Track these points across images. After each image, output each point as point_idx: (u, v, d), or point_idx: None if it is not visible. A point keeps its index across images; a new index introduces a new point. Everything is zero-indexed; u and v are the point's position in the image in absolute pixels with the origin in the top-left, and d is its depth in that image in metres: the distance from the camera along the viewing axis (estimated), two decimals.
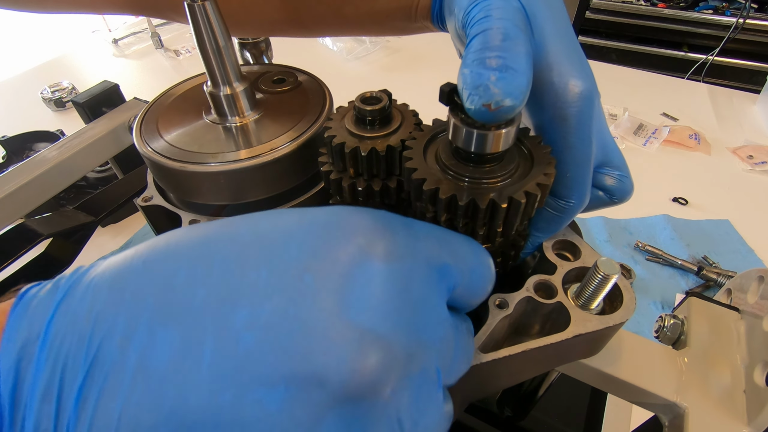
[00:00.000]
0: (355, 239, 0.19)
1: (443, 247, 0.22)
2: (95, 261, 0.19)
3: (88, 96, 0.70)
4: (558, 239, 0.32)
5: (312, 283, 0.17)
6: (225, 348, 0.16)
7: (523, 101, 0.21)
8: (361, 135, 0.29)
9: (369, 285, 0.18)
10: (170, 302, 0.17)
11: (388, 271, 0.18)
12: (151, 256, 0.18)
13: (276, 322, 0.17)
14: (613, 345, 0.34)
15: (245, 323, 0.16)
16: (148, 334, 0.17)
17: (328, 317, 0.17)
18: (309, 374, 0.16)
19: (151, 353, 0.16)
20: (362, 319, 0.17)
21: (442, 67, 1.39)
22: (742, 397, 0.32)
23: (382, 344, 0.17)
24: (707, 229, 0.90)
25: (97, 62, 1.60)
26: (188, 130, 0.38)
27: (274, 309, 0.17)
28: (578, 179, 0.27)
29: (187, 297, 0.17)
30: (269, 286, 0.17)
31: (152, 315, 0.17)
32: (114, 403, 0.16)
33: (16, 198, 0.54)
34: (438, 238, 0.22)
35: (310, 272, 0.17)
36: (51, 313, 0.17)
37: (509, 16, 0.24)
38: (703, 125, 1.16)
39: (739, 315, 0.37)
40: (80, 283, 0.18)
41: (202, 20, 0.33)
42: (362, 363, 0.17)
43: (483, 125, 0.23)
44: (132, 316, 0.17)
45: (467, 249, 0.23)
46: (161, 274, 0.18)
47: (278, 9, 0.45)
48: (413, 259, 0.20)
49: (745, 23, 1.95)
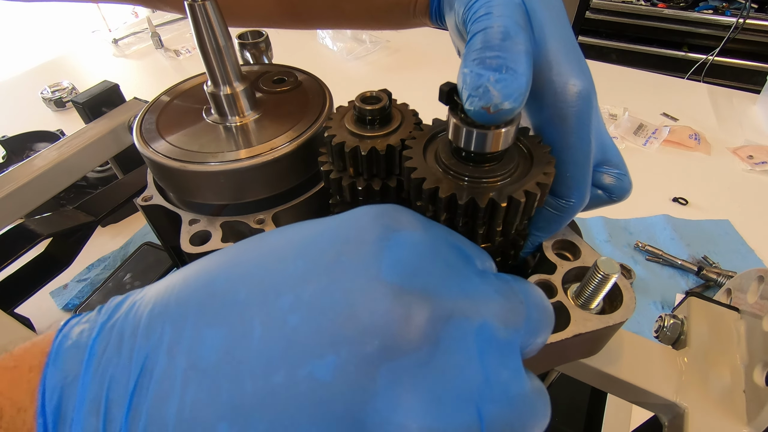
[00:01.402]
0: (380, 220, 0.20)
1: (451, 233, 0.23)
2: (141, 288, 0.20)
3: (88, 96, 0.70)
4: (558, 239, 0.32)
5: (348, 262, 0.18)
6: (272, 331, 0.17)
7: (522, 103, 0.21)
8: (361, 134, 0.29)
9: (400, 250, 0.19)
10: (213, 305, 0.17)
11: (414, 236, 0.19)
12: (189, 275, 0.19)
13: (319, 300, 0.17)
14: (613, 345, 0.34)
15: (290, 307, 0.17)
16: (195, 336, 0.17)
17: (367, 282, 0.17)
18: (356, 335, 0.16)
19: (201, 352, 0.17)
20: (399, 278, 0.18)
21: (442, 67, 1.39)
22: (741, 397, 0.32)
23: (421, 296, 0.18)
24: (707, 229, 0.90)
25: (97, 62, 1.60)
26: (188, 130, 0.38)
27: (316, 289, 0.17)
28: (578, 178, 0.27)
29: (229, 297, 0.18)
30: (308, 272, 0.18)
31: (197, 319, 0.17)
32: (167, 406, 0.16)
33: (16, 198, 0.54)
34: (447, 228, 0.23)
35: (345, 255, 0.18)
36: (96, 333, 0.18)
37: (510, 13, 0.24)
38: (703, 125, 1.16)
39: (738, 315, 0.37)
40: (123, 305, 0.19)
41: (202, 20, 0.33)
42: (405, 314, 0.17)
43: (483, 125, 0.23)
44: (176, 325, 0.17)
45: (470, 242, 0.24)
46: (201, 284, 0.18)
47: (275, 2, 0.45)
48: (434, 233, 0.21)
49: (745, 23, 1.95)
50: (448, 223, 0.26)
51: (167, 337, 0.17)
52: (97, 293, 0.81)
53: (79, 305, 0.79)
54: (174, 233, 0.36)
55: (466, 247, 0.23)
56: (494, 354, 0.19)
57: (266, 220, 0.36)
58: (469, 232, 0.26)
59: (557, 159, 0.26)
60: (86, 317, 0.19)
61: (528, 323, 0.21)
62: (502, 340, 0.19)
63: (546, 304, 0.23)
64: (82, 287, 0.84)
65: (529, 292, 0.22)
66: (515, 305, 0.21)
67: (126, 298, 0.19)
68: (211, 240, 0.35)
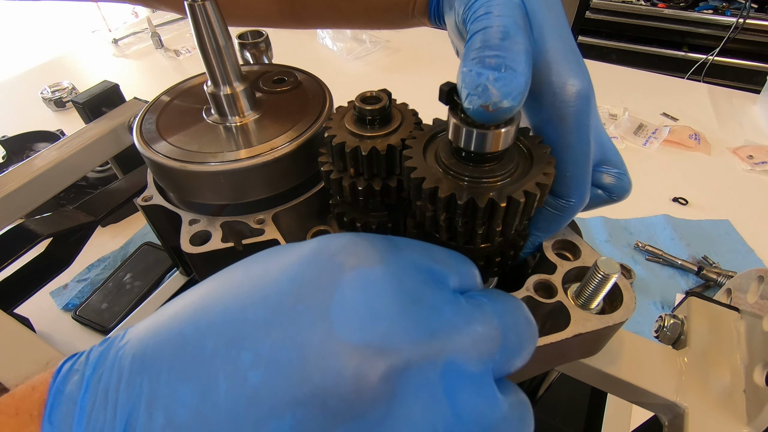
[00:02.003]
0: (336, 258, 0.19)
1: (424, 253, 0.22)
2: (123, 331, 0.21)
3: (88, 96, 0.70)
4: (558, 239, 0.32)
5: (304, 310, 0.18)
6: (235, 389, 0.17)
7: (521, 102, 0.21)
8: (361, 134, 0.29)
9: (354, 295, 0.18)
10: (184, 358, 0.18)
11: (371, 275, 0.19)
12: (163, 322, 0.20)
13: (276, 356, 0.17)
14: (613, 345, 0.34)
15: (251, 362, 0.17)
16: (170, 392, 0.17)
17: (321, 339, 0.17)
18: (310, 397, 0.17)
19: (175, 409, 0.17)
20: (350, 332, 0.17)
21: (442, 67, 1.39)
22: (741, 397, 0.32)
23: (374, 351, 0.17)
24: (707, 229, 0.90)
25: (97, 62, 1.60)
26: (188, 130, 0.38)
27: (274, 343, 0.17)
28: (578, 178, 0.27)
29: (197, 350, 0.18)
30: (268, 323, 0.18)
31: (170, 374, 0.18)
32: None
33: (16, 198, 0.54)
34: (419, 247, 0.23)
35: (302, 301, 0.18)
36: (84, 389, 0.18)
37: (510, 13, 0.24)
38: (703, 125, 1.16)
39: (739, 315, 0.37)
40: (108, 355, 0.19)
41: (202, 20, 0.33)
42: (357, 374, 0.17)
43: (482, 125, 0.23)
44: (153, 379, 0.18)
45: (447, 254, 0.23)
46: (173, 334, 0.19)
47: (273, 1, 0.45)
48: (397, 263, 0.20)
49: (745, 23, 1.95)
50: (447, 222, 0.26)
51: (145, 391, 0.17)
52: (97, 293, 0.81)
53: (79, 305, 0.79)
54: (174, 233, 0.36)
55: (439, 264, 0.22)
56: (465, 388, 0.18)
57: (266, 220, 0.36)
58: (469, 232, 0.26)
59: (557, 159, 0.26)
60: (78, 362, 0.19)
61: (504, 349, 0.20)
62: (473, 372, 0.19)
63: (525, 320, 0.22)
64: (82, 287, 0.84)
65: (505, 314, 0.21)
66: (488, 332, 0.20)
67: (109, 347, 0.20)
68: (211, 240, 0.35)
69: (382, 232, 0.34)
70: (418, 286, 0.20)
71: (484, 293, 0.22)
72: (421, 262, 0.21)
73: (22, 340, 0.41)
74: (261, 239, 0.35)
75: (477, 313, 0.20)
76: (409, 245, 0.22)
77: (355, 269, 0.19)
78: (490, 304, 0.21)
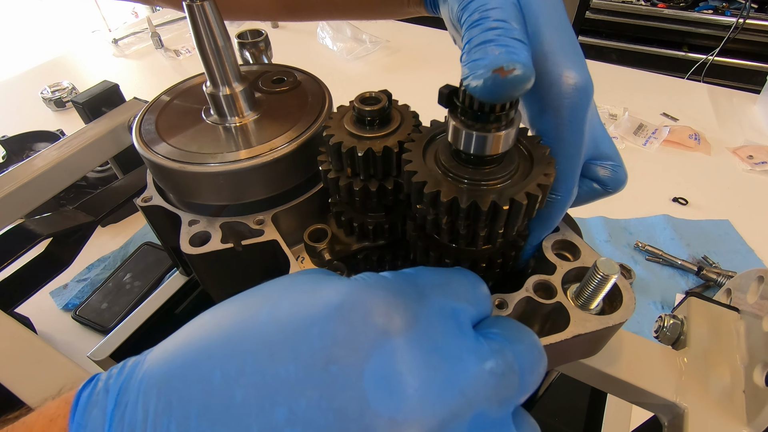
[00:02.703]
0: (369, 320, 0.19)
1: (447, 290, 0.22)
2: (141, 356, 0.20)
3: (88, 96, 0.70)
4: (558, 239, 0.32)
5: (338, 373, 0.18)
6: None
7: (531, 74, 0.21)
8: (360, 135, 0.29)
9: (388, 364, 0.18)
10: (213, 406, 0.18)
11: (400, 342, 0.19)
12: (188, 356, 0.19)
13: (313, 417, 0.17)
14: (613, 345, 0.34)
15: (286, 419, 0.17)
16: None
17: (357, 407, 0.18)
18: None
19: None
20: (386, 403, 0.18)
21: (442, 67, 1.39)
22: (741, 397, 0.32)
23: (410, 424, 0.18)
24: (707, 229, 0.90)
25: (97, 62, 1.60)
26: (187, 131, 0.38)
27: (309, 404, 0.18)
28: (566, 172, 0.27)
29: (226, 398, 0.18)
30: (300, 381, 0.18)
31: (200, 420, 0.18)
32: None
33: (16, 198, 0.54)
34: (440, 284, 0.23)
35: (335, 363, 0.18)
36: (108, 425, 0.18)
37: (502, 4, 0.24)
38: (703, 125, 1.16)
39: (738, 315, 0.37)
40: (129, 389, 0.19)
41: (201, 20, 0.33)
42: None
43: (483, 127, 0.22)
44: (182, 424, 0.18)
45: (465, 282, 0.24)
46: (199, 377, 0.19)
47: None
48: (426, 318, 0.20)
49: (745, 23, 1.95)
50: (449, 226, 0.26)
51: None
52: (97, 293, 0.81)
53: (79, 305, 0.79)
54: (174, 234, 0.36)
55: (460, 300, 0.22)
56: None
57: (266, 220, 0.36)
58: (471, 234, 0.26)
59: None
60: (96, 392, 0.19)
61: (521, 389, 0.21)
62: (495, 418, 0.20)
63: (539, 357, 0.22)
64: (82, 287, 0.84)
65: (522, 354, 0.21)
66: (509, 378, 0.20)
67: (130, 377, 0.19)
68: (210, 241, 0.35)
69: (379, 232, 0.34)
70: (446, 339, 0.20)
71: (500, 328, 0.23)
72: (445, 306, 0.22)
73: (23, 341, 0.41)
74: (260, 240, 0.35)
75: (499, 360, 0.21)
76: (433, 287, 0.22)
77: (387, 333, 0.19)
78: (509, 346, 0.21)
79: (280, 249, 0.34)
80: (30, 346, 0.41)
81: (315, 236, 0.35)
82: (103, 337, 0.74)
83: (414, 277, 0.23)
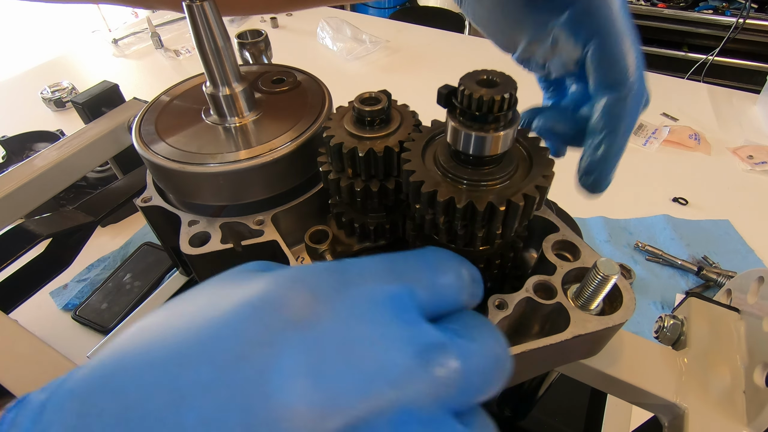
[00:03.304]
0: (281, 313, 0.19)
1: (386, 276, 0.21)
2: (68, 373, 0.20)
3: (87, 96, 0.70)
4: (558, 239, 0.32)
5: (248, 370, 0.18)
6: None
7: None
8: (360, 135, 0.29)
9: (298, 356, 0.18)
10: (130, 418, 0.18)
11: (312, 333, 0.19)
12: (107, 369, 0.19)
13: (220, 417, 0.17)
14: (613, 345, 0.34)
15: (194, 423, 0.17)
16: None
17: (262, 403, 0.17)
18: None
19: None
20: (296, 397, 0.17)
21: (442, 67, 1.39)
22: (741, 397, 0.32)
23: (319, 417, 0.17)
24: (707, 229, 0.90)
25: (97, 62, 1.60)
26: (187, 131, 0.38)
27: (217, 405, 0.17)
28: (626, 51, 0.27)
29: (141, 409, 0.18)
30: (210, 382, 0.18)
31: None
32: None
33: (16, 198, 0.54)
34: (378, 270, 0.22)
35: (245, 360, 0.18)
36: None
37: None
38: (703, 125, 1.15)
39: (739, 315, 0.36)
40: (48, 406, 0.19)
41: (200, 21, 0.33)
42: None
43: (481, 127, 0.22)
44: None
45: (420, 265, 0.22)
46: (116, 389, 0.18)
47: None
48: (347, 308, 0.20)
49: (745, 23, 1.95)
50: (447, 226, 0.26)
51: None
52: (97, 293, 0.81)
53: (79, 305, 0.79)
54: (174, 234, 0.36)
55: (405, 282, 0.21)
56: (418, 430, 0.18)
57: (266, 220, 0.36)
58: (468, 235, 0.26)
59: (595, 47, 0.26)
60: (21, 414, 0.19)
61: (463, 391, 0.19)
62: (426, 417, 0.19)
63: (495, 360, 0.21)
64: (82, 287, 0.84)
65: (472, 353, 0.20)
66: (447, 377, 0.19)
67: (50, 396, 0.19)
68: (210, 241, 0.35)
69: (380, 232, 0.34)
70: (370, 328, 0.19)
71: (460, 324, 0.21)
72: (376, 293, 0.20)
73: (22, 341, 0.41)
74: (260, 240, 0.35)
75: (437, 356, 0.19)
76: (363, 273, 0.21)
77: (299, 325, 0.19)
78: (458, 342, 0.20)
79: (280, 249, 0.34)
80: (30, 347, 0.41)
81: (316, 238, 0.35)
82: (103, 337, 0.74)
83: (348, 264, 0.22)
